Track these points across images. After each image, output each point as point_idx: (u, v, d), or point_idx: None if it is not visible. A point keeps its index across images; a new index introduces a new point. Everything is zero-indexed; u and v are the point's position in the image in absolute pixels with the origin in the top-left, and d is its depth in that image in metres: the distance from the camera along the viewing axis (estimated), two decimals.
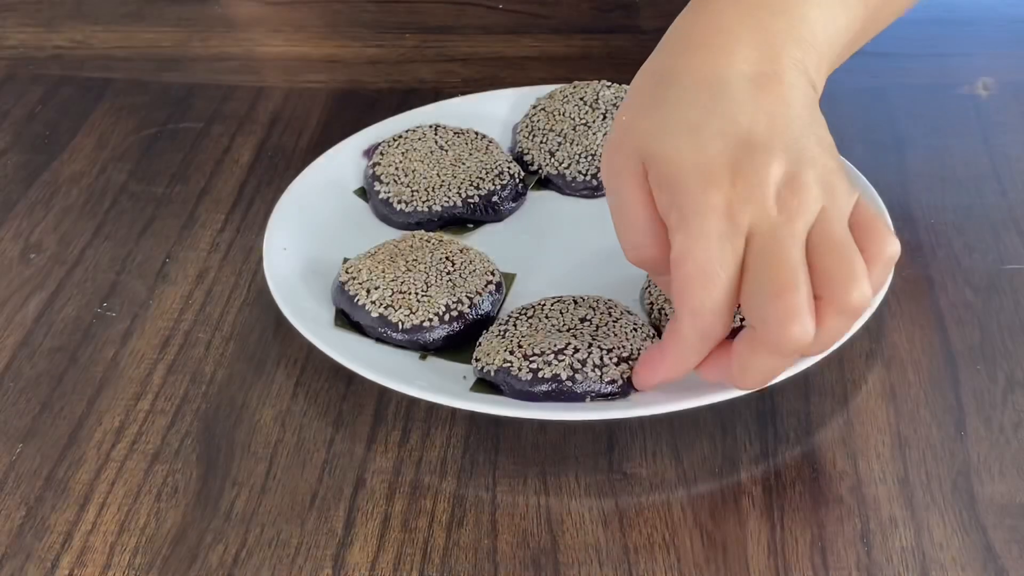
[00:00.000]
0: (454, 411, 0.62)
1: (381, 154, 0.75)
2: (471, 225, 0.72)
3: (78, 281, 0.71)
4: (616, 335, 0.61)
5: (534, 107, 0.78)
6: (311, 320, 0.64)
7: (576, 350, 0.60)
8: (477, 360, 0.62)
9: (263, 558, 0.56)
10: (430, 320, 0.63)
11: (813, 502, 0.57)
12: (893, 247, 0.56)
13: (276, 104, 0.85)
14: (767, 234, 0.53)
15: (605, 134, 0.75)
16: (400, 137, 0.76)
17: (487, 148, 0.75)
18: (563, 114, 0.76)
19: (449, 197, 0.72)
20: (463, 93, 0.81)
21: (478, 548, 0.56)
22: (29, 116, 0.85)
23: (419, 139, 0.75)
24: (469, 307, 0.64)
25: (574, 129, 0.75)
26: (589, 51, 0.90)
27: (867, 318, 0.62)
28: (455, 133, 0.76)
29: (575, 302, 0.64)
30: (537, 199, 0.75)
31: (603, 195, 0.74)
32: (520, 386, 0.60)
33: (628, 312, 0.63)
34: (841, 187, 0.55)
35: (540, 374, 0.59)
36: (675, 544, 0.56)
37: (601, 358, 0.60)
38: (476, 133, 0.76)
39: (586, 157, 0.74)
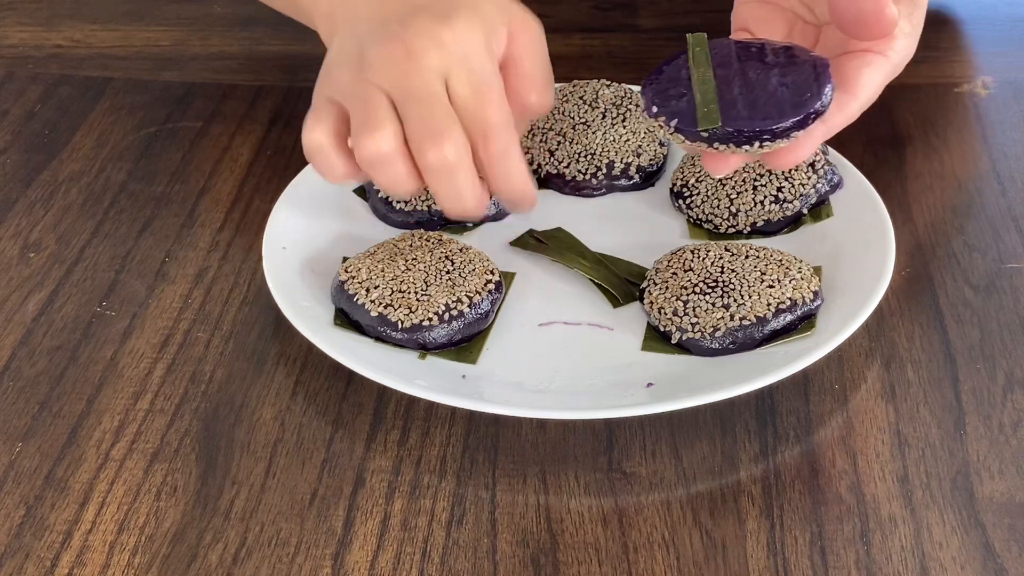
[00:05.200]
0: (453, 410, 0.62)
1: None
2: (471, 224, 0.72)
3: (77, 280, 0.71)
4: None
5: None
6: (311, 319, 0.64)
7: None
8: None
9: (262, 557, 0.56)
10: (430, 319, 0.63)
11: (812, 501, 0.57)
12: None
13: (275, 103, 0.85)
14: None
15: (605, 133, 0.75)
16: None
17: None
18: (562, 113, 0.76)
19: None
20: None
21: (477, 547, 0.56)
22: (28, 115, 0.85)
23: None
24: (469, 306, 0.64)
25: (573, 128, 0.75)
26: (588, 50, 0.90)
27: (867, 316, 0.62)
28: None
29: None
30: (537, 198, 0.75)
31: (602, 194, 0.74)
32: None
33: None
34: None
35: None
36: (674, 543, 0.56)
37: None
38: None
39: (585, 156, 0.74)
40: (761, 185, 0.70)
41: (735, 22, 0.66)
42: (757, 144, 0.58)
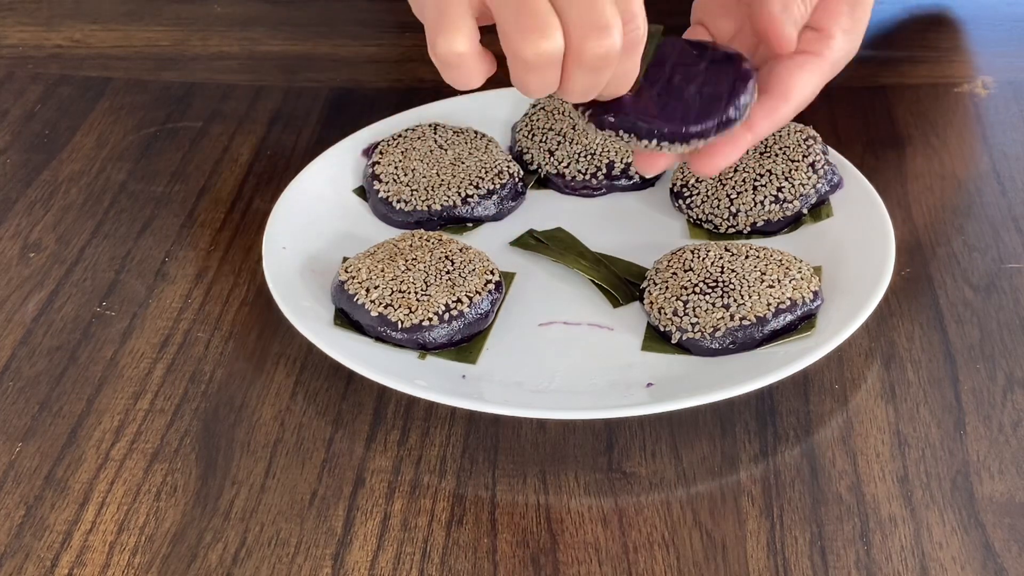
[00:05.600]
0: (453, 410, 0.62)
1: (380, 153, 0.75)
2: (471, 224, 0.72)
3: (77, 280, 0.71)
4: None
5: (533, 106, 0.78)
6: (310, 319, 0.64)
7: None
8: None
9: (262, 557, 0.56)
10: (429, 319, 0.63)
11: (812, 501, 0.57)
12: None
13: (275, 103, 0.85)
14: None
15: None
16: (399, 136, 0.76)
17: (486, 147, 0.75)
18: (562, 113, 0.76)
19: (448, 196, 0.72)
20: (462, 92, 0.81)
21: (477, 547, 0.56)
22: (28, 115, 0.85)
23: (418, 138, 0.75)
24: (469, 306, 0.64)
25: (573, 128, 0.75)
26: None
27: (867, 316, 0.62)
28: (454, 132, 0.76)
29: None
30: (536, 198, 0.75)
31: (602, 194, 0.74)
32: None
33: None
34: None
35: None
36: (674, 543, 0.56)
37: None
38: (475, 132, 0.76)
39: (585, 156, 0.74)
40: (761, 185, 0.70)
41: (693, 16, 0.66)
42: (655, 143, 0.59)
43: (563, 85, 0.57)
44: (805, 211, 0.70)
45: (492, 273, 0.66)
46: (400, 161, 0.74)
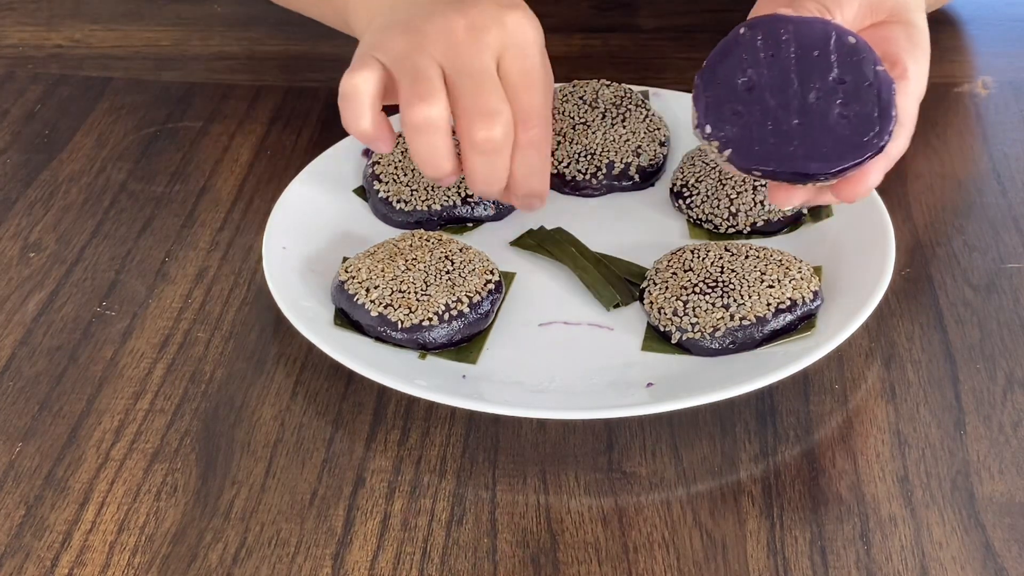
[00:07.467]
0: (453, 410, 0.62)
1: (381, 153, 0.75)
2: (471, 224, 0.72)
3: (77, 280, 0.71)
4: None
5: None
6: (310, 319, 0.64)
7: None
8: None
9: (262, 557, 0.56)
10: (429, 319, 0.63)
11: (812, 501, 0.57)
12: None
13: (275, 103, 0.85)
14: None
15: (605, 133, 0.75)
16: (400, 136, 0.76)
17: None
18: (562, 113, 0.76)
19: (448, 196, 0.72)
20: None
21: (478, 547, 0.56)
22: (28, 115, 0.85)
23: None
24: (468, 306, 0.64)
25: (573, 128, 0.75)
26: (588, 50, 0.90)
27: (867, 316, 0.62)
28: (455, 132, 0.76)
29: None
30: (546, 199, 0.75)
31: (602, 194, 0.74)
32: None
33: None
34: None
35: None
36: (675, 543, 0.56)
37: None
38: None
39: (585, 156, 0.74)
40: (761, 185, 0.70)
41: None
42: (812, 183, 0.58)
43: (464, 166, 0.62)
44: (805, 211, 0.70)
45: (492, 273, 0.66)
46: (400, 161, 0.74)
